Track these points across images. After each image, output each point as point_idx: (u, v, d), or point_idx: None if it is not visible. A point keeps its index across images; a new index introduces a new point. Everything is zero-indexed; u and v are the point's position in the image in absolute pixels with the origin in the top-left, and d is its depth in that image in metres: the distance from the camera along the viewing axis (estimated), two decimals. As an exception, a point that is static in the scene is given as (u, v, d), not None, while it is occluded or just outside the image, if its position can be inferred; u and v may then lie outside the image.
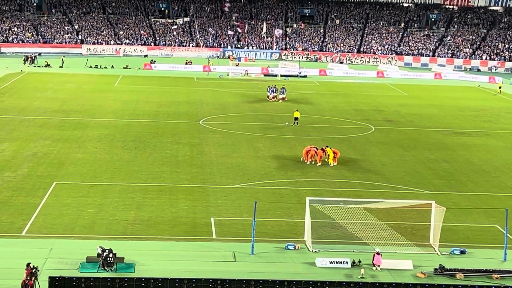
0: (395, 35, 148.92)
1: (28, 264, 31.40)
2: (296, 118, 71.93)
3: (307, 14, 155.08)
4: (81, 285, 31.46)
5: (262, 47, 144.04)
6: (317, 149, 56.72)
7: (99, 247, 34.63)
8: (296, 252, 37.71)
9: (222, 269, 34.91)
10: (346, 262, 35.99)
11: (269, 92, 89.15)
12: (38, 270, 31.61)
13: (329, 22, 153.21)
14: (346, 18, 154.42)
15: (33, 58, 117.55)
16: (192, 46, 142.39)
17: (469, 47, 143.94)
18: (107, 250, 34.14)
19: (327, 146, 57.61)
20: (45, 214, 41.91)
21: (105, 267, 33.83)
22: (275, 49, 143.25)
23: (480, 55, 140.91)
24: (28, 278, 30.93)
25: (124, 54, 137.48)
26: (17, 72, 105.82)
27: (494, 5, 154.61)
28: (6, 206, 43.20)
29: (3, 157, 54.99)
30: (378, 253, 35.89)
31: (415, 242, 39.42)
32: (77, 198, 45.27)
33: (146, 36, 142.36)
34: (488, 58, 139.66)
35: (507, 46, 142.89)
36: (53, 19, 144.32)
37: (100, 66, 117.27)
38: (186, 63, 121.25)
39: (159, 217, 42.38)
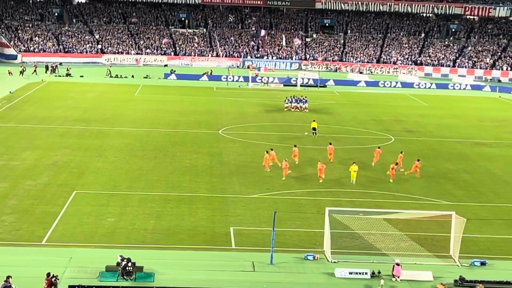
0: (415, 45, 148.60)
1: (48, 274, 31.48)
2: (314, 129, 71.82)
3: (327, 24, 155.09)
4: (101, 294, 31.61)
5: (281, 57, 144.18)
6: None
7: (120, 256, 34.69)
8: (315, 262, 37.63)
9: (241, 279, 34.90)
10: (366, 273, 35.87)
11: (286, 102, 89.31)
12: (58, 279, 31.73)
13: (348, 32, 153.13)
14: (366, 28, 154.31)
15: (54, 67, 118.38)
16: (212, 56, 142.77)
17: (490, 57, 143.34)
18: (125, 259, 34.20)
19: (354, 163, 55.25)
20: (65, 223, 42.10)
21: (125, 276, 33.89)
22: (295, 59, 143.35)
23: (501, 65, 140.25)
24: None
25: (144, 63, 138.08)
26: (38, 82, 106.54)
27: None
28: (27, 214, 43.43)
29: (24, 166, 55.31)
30: (397, 264, 35.76)
31: (435, 253, 39.23)
32: (97, 207, 45.45)
33: (162, 44, 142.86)
34: (509, 68, 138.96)
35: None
36: (74, 29, 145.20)
37: (121, 75, 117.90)
38: (205, 74, 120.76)
39: (178, 226, 42.44)
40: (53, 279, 31.20)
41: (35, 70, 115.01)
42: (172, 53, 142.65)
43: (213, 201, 47.74)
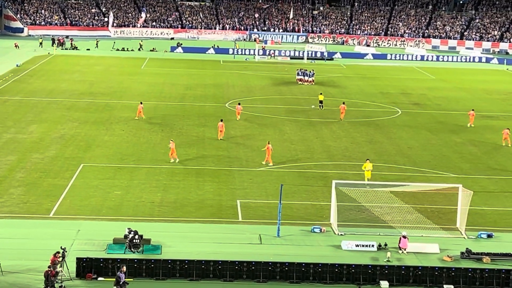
0: (422, 18, 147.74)
1: (57, 252, 31.22)
2: (320, 102, 71.74)
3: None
4: (108, 266, 31.73)
5: (288, 30, 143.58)
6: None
7: (127, 228, 34.80)
8: (322, 235, 37.72)
9: (248, 251, 35.03)
10: (372, 245, 35.94)
11: (298, 74, 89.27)
12: (66, 251, 31.86)
13: (356, 4, 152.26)
14: (373, 0, 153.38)
15: (61, 41, 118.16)
16: (219, 29, 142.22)
17: (498, 30, 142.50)
18: (133, 232, 34.33)
19: (367, 160, 48.47)
20: (72, 196, 42.26)
21: (132, 249, 34.05)
22: (302, 32, 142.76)
23: (509, 38, 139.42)
24: (51, 268, 30.78)
25: (151, 37, 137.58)
26: (45, 55, 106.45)
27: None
28: (34, 187, 43.60)
29: (31, 139, 55.43)
30: (404, 237, 35.81)
31: (442, 226, 39.28)
32: (104, 180, 45.58)
33: (170, 18, 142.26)
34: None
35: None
36: (80, 2, 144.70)
37: (127, 48, 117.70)
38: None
39: (186, 199, 42.56)
40: (60, 253, 31.15)
41: (41, 43, 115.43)
42: (179, 26, 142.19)
43: (220, 174, 47.82)
